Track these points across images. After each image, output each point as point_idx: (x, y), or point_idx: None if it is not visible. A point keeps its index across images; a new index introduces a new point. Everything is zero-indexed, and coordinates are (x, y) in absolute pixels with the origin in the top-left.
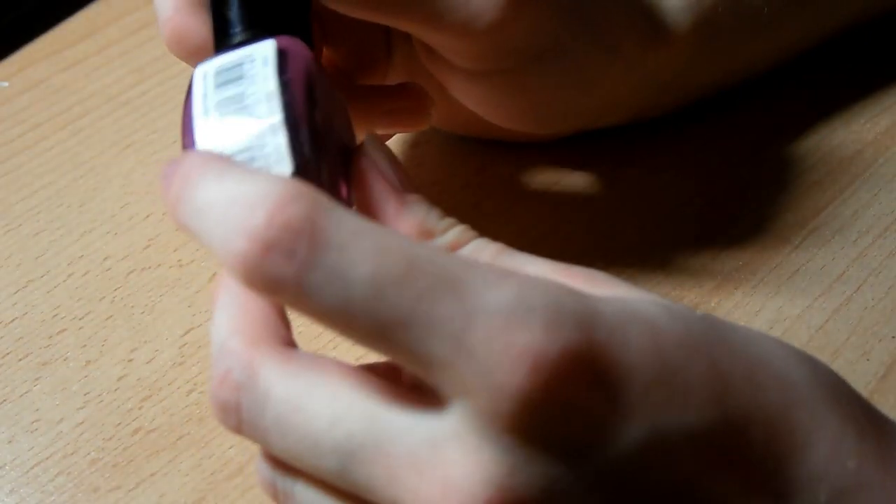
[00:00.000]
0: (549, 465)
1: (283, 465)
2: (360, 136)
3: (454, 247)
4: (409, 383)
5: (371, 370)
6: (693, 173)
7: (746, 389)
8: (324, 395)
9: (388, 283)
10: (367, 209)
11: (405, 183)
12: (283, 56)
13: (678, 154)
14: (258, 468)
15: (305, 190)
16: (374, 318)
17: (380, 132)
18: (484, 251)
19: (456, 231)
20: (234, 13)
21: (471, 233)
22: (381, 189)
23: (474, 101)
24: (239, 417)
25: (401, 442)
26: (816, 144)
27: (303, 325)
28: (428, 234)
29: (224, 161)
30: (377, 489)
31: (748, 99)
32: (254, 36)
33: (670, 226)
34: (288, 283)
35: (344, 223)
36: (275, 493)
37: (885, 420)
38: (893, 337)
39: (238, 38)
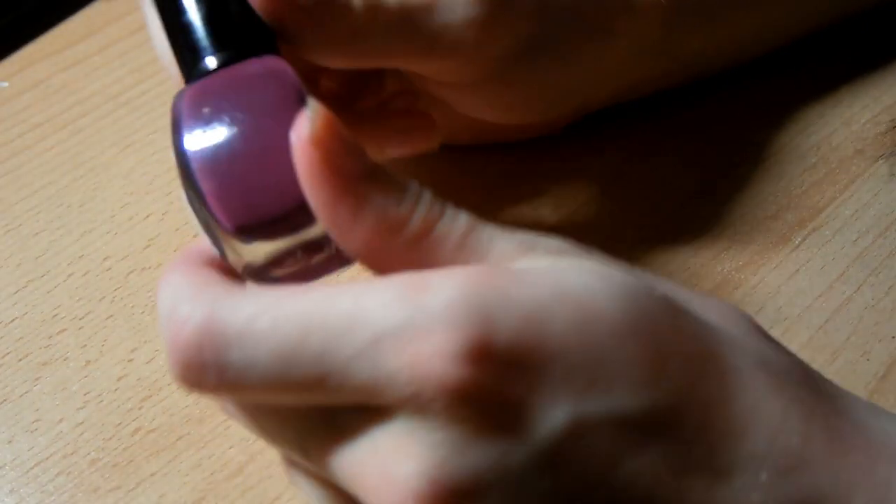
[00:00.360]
0: (476, 453)
1: (289, 460)
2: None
3: (424, 233)
4: None
5: None
6: (693, 173)
7: (683, 376)
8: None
9: (290, 352)
10: (323, 214)
11: (360, 162)
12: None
13: (678, 154)
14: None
15: (193, 306)
16: (296, 384)
17: (392, 153)
18: (453, 231)
19: (423, 209)
20: (202, 38)
21: (437, 206)
22: (331, 189)
23: (470, 107)
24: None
25: (349, 441)
26: (816, 144)
27: None
28: (394, 227)
29: (165, 275)
30: (338, 479)
31: (748, 99)
32: (228, 60)
33: (670, 226)
34: (213, 387)
35: (236, 313)
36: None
37: (841, 400)
38: (893, 337)
39: (216, 65)
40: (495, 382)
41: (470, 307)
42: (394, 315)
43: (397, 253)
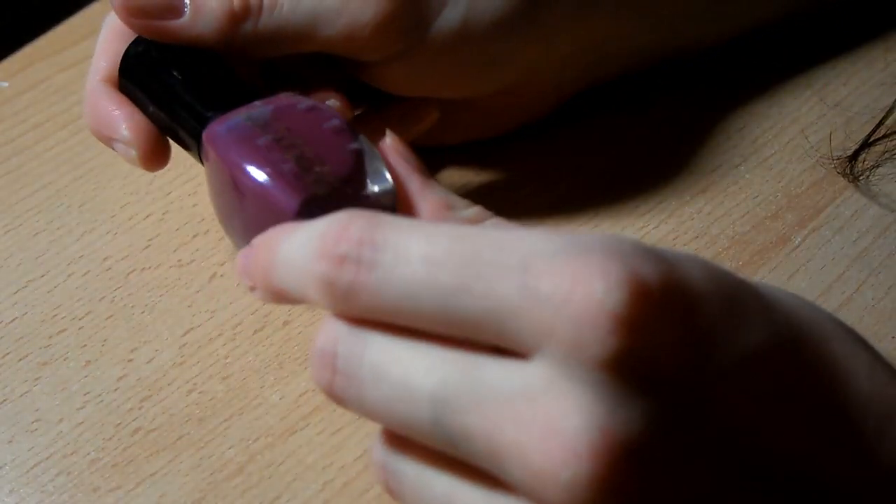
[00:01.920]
0: (648, 400)
1: (395, 440)
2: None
3: (476, 221)
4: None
5: None
6: (693, 173)
7: (788, 320)
8: (419, 345)
9: (441, 257)
10: (400, 177)
11: (423, 169)
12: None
13: (677, 154)
14: (373, 452)
15: (357, 213)
16: (438, 291)
17: (411, 134)
18: (504, 225)
19: (474, 209)
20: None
21: (488, 212)
22: (403, 170)
23: (409, 86)
24: (334, 371)
25: (495, 390)
26: (816, 144)
27: (310, 325)
28: (451, 206)
29: (287, 226)
30: (475, 441)
31: (747, 99)
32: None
33: (670, 226)
34: (362, 284)
35: (394, 226)
36: (386, 479)
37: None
38: (893, 337)
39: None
40: (656, 317)
41: (623, 243)
42: (549, 242)
43: None
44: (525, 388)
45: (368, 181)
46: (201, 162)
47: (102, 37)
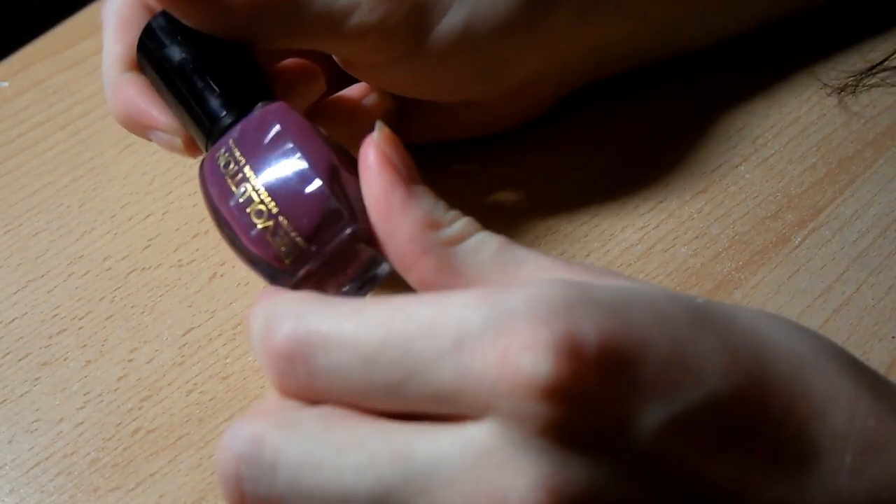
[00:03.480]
0: (589, 457)
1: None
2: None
3: (459, 239)
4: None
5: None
6: (693, 173)
7: (756, 361)
8: (341, 445)
9: (374, 354)
10: (375, 201)
11: (413, 173)
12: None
13: (677, 154)
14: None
15: (284, 313)
16: (379, 386)
17: (364, 123)
18: (487, 244)
19: (461, 223)
20: (205, 110)
21: (475, 225)
22: (388, 180)
23: (408, 88)
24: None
25: (437, 470)
26: (816, 144)
27: None
28: (435, 225)
29: (257, 301)
30: None
31: (747, 99)
32: (239, 115)
33: (670, 226)
34: (305, 390)
35: (321, 321)
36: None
37: (891, 384)
38: (893, 337)
39: (227, 122)
40: (589, 377)
41: (553, 300)
42: (476, 314)
43: (435, 254)
44: (468, 460)
45: (337, 229)
46: (205, 150)
47: (111, 26)
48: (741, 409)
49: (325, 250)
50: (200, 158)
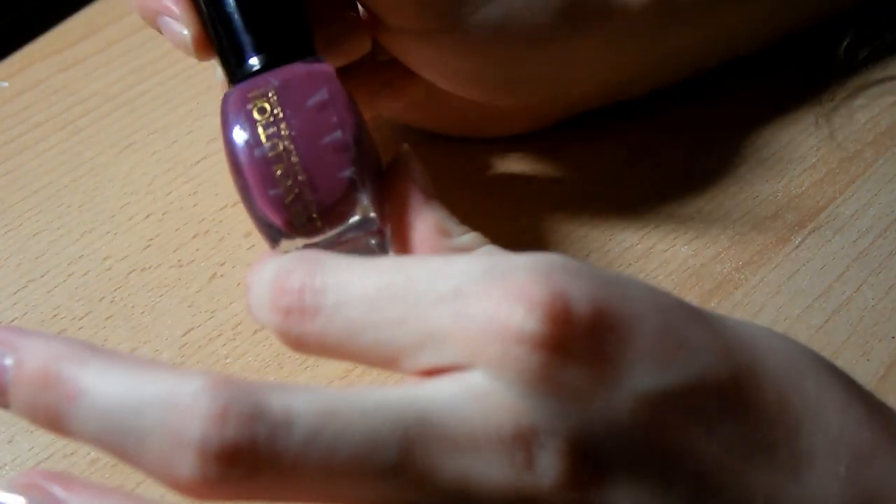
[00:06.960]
0: (566, 408)
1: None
2: (367, 111)
3: (467, 249)
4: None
5: None
6: (693, 174)
7: (750, 356)
8: (354, 394)
9: (377, 294)
10: (395, 199)
11: (431, 190)
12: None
13: (677, 155)
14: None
15: (299, 258)
16: (376, 328)
17: (384, 105)
18: (497, 251)
19: (470, 236)
20: (247, 38)
21: (482, 239)
22: (409, 188)
23: (436, 70)
24: (255, 455)
25: (452, 409)
26: (816, 144)
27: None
28: (445, 233)
29: (255, 267)
30: (440, 468)
31: (747, 98)
32: (275, 61)
33: (670, 226)
34: (308, 333)
35: (332, 267)
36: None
37: (879, 400)
38: (893, 337)
39: (260, 65)
40: (577, 335)
41: (554, 263)
42: (479, 266)
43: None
44: (471, 399)
45: (351, 214)
46: (230, 80)
47: None
48: (735, 394)
49: (336, 232)
50: (224, 92)
